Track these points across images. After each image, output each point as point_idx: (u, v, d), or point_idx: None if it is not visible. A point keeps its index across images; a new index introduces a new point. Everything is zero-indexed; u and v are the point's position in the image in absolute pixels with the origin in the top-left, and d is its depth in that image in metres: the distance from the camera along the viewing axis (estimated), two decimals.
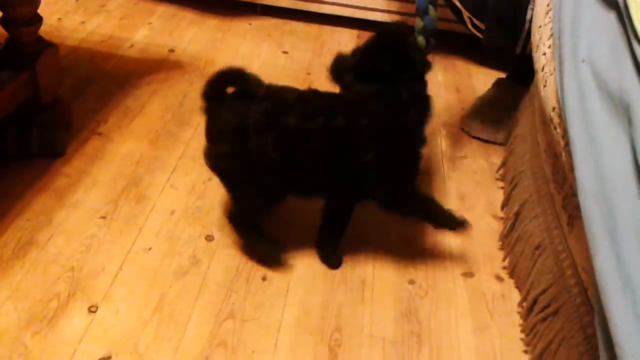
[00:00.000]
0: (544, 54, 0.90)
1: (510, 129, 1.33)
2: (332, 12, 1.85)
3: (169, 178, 1.18)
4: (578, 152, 0.65)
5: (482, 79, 1.65)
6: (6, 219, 1.05)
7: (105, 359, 0.85)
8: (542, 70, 0.89)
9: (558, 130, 0.80)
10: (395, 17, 1.82)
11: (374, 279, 1.03)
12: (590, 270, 0.76)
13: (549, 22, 0.91)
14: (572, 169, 0.75)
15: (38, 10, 1.18)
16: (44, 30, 1.20)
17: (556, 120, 0.80)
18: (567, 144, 0.76)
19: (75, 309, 0.92)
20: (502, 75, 1.61)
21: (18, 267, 0.97)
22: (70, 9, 1.81)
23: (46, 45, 1.22)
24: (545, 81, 0.86)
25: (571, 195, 0.86)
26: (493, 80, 1.58)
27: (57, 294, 0.94)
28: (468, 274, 1.05)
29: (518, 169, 1.15)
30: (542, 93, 0.87)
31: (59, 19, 1.74)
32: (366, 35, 1.80)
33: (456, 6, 1.57)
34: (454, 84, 1.62)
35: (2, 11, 1.15)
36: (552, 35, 0.88)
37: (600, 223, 0.60)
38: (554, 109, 0.82)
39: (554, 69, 0.83)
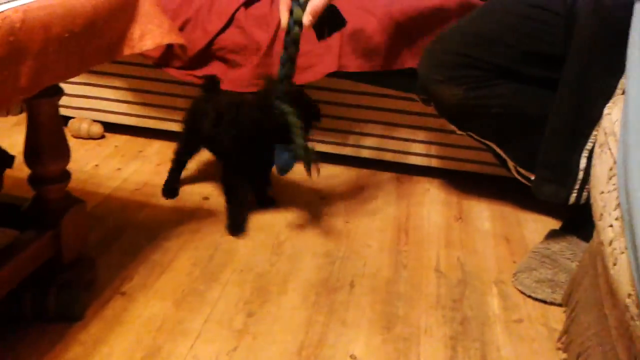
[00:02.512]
0: (611, 225, 0.79)
1: (569, 290, 1.20)
2: (370, 157, 1.81)
3: (191, 347, 1.08)
4: None
5: (533, 227, 1.54)
6: None
7: None
8: (610, 245, 0.78)
9: (637, 322, 0.67)
10: (435, 161, 1.76)
11: None
12: None
13: (614, 189, 0.82)
14: None
15: (74, 156, 1.15)
16: (79, 177, 1.18)
17: (634, 310, 0.68)
18: None
19: None
20: (556, 223, 1.50)
21: None
22: (109, 154, 1.81)
23: (73, 202, 1.17)
24: (615, 259, 0.75)
25: None
26: (546, 229, 1.47)
27: None
28: None
29: (584, 343, 1.01)
30: (612, 272, 0.76)
31: (96, 165, 1.73)
32: (406, 179, 1.76)
33: (499, 154, 1.51)
34: (503, 234, 1.51)
35: (30, 169, 1.12)
36: (618, 205, 0.78)
37: None
38: (629, 295, 0.70)
39: (625, 248, 0.73)
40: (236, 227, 1.46)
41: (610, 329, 0.91)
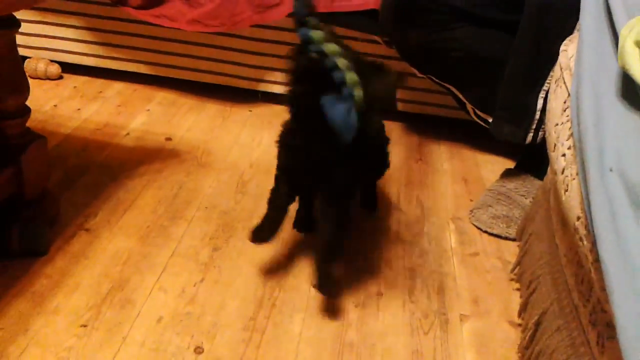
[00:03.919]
0: (563, 155, 0.83)
1: (523, 225, 1.26)
2: None
3: (157, 279, 1.10)
4: (614, 284, 0.57)
5: (490, 168, 1.59)
6: None
7: None
8: (562, 173, 0.82)
9: (585, 242, 0.72)
10: (409, 107, 1.79)
11: None
12: None
13: (567, 120, 0.85)
14: (603, 289, 0.67)
15: (32, 96, 1.12)
16: (37, 118, 1.16)
17: (582, 231, 0.72)
18: (596, 260, 0.67)
19: None
20: (511, 163, 1.56)
21: None
22: (68, 95, 1.78)
23: (34, 138, 1.16)
24: (567, 186, 0.79)
25: (600, 311, 0.77)
26: (502, 169, 1.52)
27: None
28: None
29: (535, 272, 1.06)
30: (564, 198, 0.80)
31: (55, 105, 1.70)
32: None
33: (459, 97, 1.54)
34: (461, 174, 1.56)
35: None
36: (571, 135, 0.82)
37: None
38: (578, 218, 0.74)
39: (576, 174, 0.76)
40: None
41: (560, 258, 0.97)
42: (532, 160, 1.45)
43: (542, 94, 1.34)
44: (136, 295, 1.06)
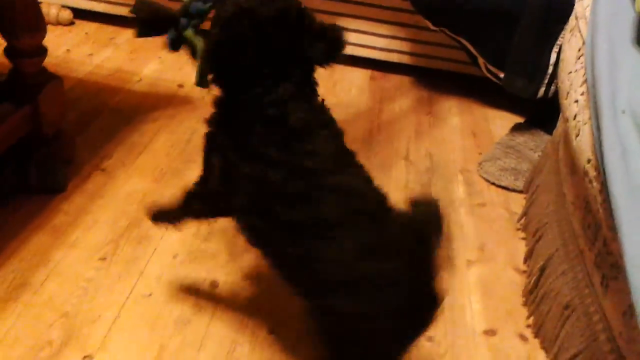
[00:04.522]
0: (576, 101, 0.84)
1: (531, 177, 1.28)
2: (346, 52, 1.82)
3: None
4: (623, 216, 0.59)
5: (499, 123, 1.60)
6: None
7: None
8: (574, 119, 0.83)
9: (594, 184, 0.74)
10: (408, 58, 1.79)
11: None
12: (630, 341, 0.70)
13: (581, 67, 0.87)
14: (611, 228, 0.69)
15: (44, 42, 1.14)
16: (50, 62, 1.16)
17: (592, 173, 0.75)
18: (605, 200, 0.70)
19: (68, 359, 0.85)
20: (521, 119, 1.57)
21: (10, 310, 0.91)
22: (79, 40, 1.78)
23: (50, 78, 1.17)
24: (579, 130, 0.81)
25: (605, 253, 0.80)
26: (512, 124, 1.53)
27: (50, 341, 0.88)
28: (490, 332, 0.98)
29: (542, 221, 1.09)
30: (575, 143, 0.82)
31: (67, 50, 1.71)
32: (379, 75, 1.79)
33: (470, 51, 1.54)
34: (470, 128, 1.57)
35: (6, 41, 1.11)
36: (585, 81, 0.83)
37: None
38: (589, 160, 0.76)
39: (589, 118, 0.78)
40: None
41: (567, 206, 0.99)
42: (542, 114, 1.46)
43: (555, 49, 1.34)
44: (152, 232, 1.09)
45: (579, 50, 0.90)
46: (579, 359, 0.81)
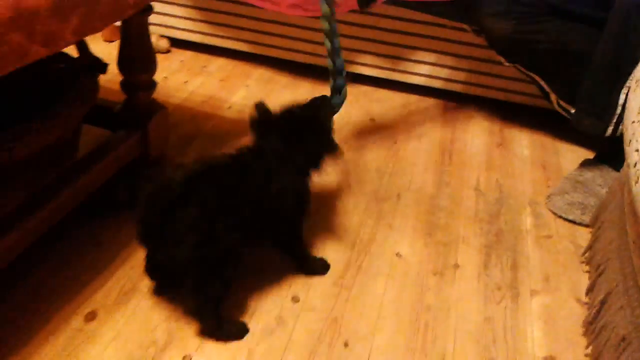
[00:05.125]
0: (637, 150, 0.91)
1: (597, 213, 1.33)
2: (420, 83, 1.91)
3: None
4: None
5: (569, 157, 1.65)
6: (113, 265, 1.15)
7: None
8: (635, 167, 0.90)
9: None
10: (481, 90, 1.86)
11: (454, 353, 1.04)
12: None
13: None
14: None
15: None
16: None
17: None
18: None
19: (171, 357, 0.99)
20: (591, 154, 1.61)
21: (121, 312, 1.06)
22: (176, 68, 1.95)
23: (158, 108, 1.33)
24: (638, 177, 0.88)
25: None
26: (581, 159, 1.58)
27: (155, 341, 1.01)
28: (549, 358, 1.05)
29: (605, 256, 1.15)
30: (634, 189, 0.88)
31: (165, 77, 1.88)
32: (452, 106, 1.87)
33: (542, 86, 1.60)
34: (540, 161, 1.63)
35: (123, 75, 1.27)
36: None
37: None
38: None
39: None
40: None
41: (629, 244, 1.05)
42: (611, 152, 1.50)
43: (624, 90, 1.39)
44: None
45: None
46: None
